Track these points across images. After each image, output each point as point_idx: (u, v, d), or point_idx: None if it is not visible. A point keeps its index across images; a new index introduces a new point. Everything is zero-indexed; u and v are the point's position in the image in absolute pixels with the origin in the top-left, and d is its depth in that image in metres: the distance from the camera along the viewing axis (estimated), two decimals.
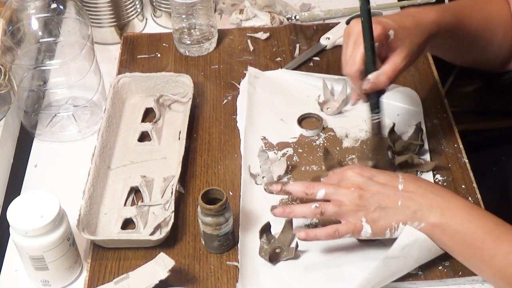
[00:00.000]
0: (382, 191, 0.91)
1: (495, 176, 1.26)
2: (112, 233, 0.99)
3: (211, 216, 0.92)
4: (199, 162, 1.09)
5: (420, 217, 0.89)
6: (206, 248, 0.97)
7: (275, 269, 0.94)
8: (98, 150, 1.06)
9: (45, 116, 1.16)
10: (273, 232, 0.96)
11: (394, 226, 0.90)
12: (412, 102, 1.15)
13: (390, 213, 0.90)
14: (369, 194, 0.91)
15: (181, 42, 1.28)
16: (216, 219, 0.92)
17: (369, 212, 0.91)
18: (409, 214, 0.90)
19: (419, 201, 0.90)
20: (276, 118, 1.15)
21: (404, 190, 0.91)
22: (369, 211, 0.91)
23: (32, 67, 1.15)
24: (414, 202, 0.90)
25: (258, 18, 1.35)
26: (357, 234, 0.91)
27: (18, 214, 0.88)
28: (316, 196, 0.92)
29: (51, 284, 0.93)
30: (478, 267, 0.89)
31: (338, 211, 0.91)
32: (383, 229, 0.91)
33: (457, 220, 0.88)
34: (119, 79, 1.17)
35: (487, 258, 0.86)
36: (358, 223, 0.91)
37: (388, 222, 0.90)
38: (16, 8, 1.09)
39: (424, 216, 0.89)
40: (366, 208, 0.91)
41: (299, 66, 1.25)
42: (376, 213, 0.91)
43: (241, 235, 0.97)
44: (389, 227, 0.90)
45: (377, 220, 0.91)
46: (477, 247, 0.87)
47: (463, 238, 0.88)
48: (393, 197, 0.91)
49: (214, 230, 0.93)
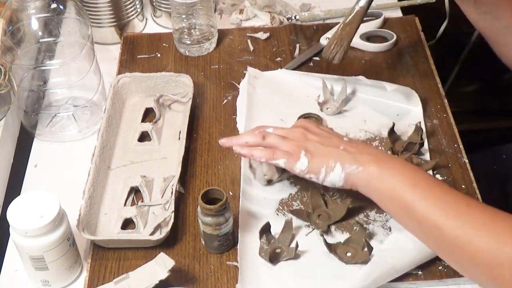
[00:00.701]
0: (327, 135, 0.96)
1: (495, 176, 1.26)
2: (112, 233, 0.99)
3: (211, 216, 0.92)
4: (199, 162, 1.09)
5: (359, 162, 0.91)
6: (206, 248, 0.97)
7: (275, 269, 0.94)
8: (98, 150, 1.06)
9: (45, 116, 1.16)
10: (273, 232, 0.96)
11: (331, 165, 0.92)
12: (412, 102, 1.15)
13: (330, 152, 0.93)
14: (314, 134, 0.96)
15: (181, 42, 1.28)
16: (216, 219, 0.92)
17: (309, 146, 0.94)
18: (349, 157, 0.92)
19: (360, 149, 0.93)
20: (276, 118, 1.15)
21: (348, 141, 0.96)
22: (310, 146, 0.94)
23: (32, 67, 1.15)
24: (356, 149, 0.93)
25: (258, 18, 1.35)
26: (292, 163, 0.94)
27: (18, 214, 0.88)
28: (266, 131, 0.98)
29: (51, 284, 0.93)
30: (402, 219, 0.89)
31: (279, 142, 0.95)
32: (319, 165, 0.93)
33: (391, 170, 0.89)
34: (119, 79, 1.17)
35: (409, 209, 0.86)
36: (296, 154, 0.94)
37: (326, 160, 0.93)
38: (16, 8, 1.09)
39: (364, 162, 0.91)
40: (307, 143, 0.95)
41: (299, 66, 1.25)
42: (316, 149, 0.94)
43: (241, 235, 0.97)
44: (326, 165, 0.92)
45: (315, 154, 0.93)
46: (402, 197, 0.87)
47: (394, 186, 0.88)
48: (336, 142, 0.95)
49: (214, 230, 0.93)
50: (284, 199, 1.02)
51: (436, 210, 0.84)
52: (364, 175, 0.90)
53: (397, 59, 1.25)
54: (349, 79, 1.18)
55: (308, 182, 1.03)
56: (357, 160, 0.91)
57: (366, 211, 1.00)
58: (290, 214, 0.99)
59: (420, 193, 0.86)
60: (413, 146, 1.06)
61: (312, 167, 0.93)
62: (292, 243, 0.95)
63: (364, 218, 0.99)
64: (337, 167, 0.92)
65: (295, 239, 0.96)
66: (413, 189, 0.87)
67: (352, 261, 0.93)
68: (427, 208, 0.85)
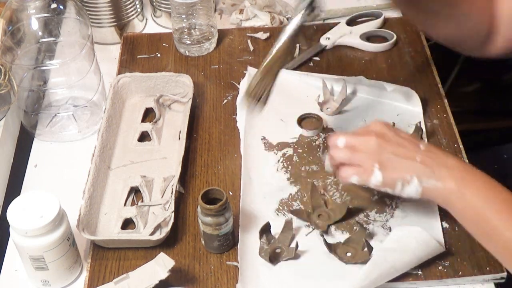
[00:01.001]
0: (403, 144, 0.89)
1: (495, 176, 1.26)
2: (112, 233, 0.99)
3: (211, 216, 0.92)
4: (199, 162, 1.09)
5: (437, 177, 0.86)
6: (206, 248, 0.97)
7: (275, 269, 0.94)
8: (98, 150, 1.06)
9: (45, 116, 1.16)
10: (273, 232, 0.96)
11: (408, 179, 0.87)
12: (412, 102, 1.15)
13: (407, 165, 0.88)
14: (388, 144, 0.89)
15: (181, 42, 1.28)
16: (216, 219, 0.92)
17: (383, 160, 0.88)
18: (426, 171, 0.87)
19: (438, 162, 0.87)
20: (276, 118, 1.15)
21: (425, 150, 0.89)
22: (384, 158, 0.88)
23: (32, 67, 1.15)
24: (433, 161, 0.87)
25: (258, 18, 1.35)
26: (366, 179, 0.89)
27: (18, 214, 0.88)
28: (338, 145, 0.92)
29: (51, 284, 0.93)
30: (486, 239, 0.87)
31: (350, 156, 0.90)
32: (395, 180, 0.88)
33: (473, 189, 0.85)
34: (119, 79, 1.17)
35: (497, 230, 0.84)
36: (369, 168, 0.88)
37: (403, 173, 0.87)
38: (16, 8, 1.09)
39: (442, 177, 0.86)
40: (381, 155, 0.88)
41: (299, 66, 1.25)
42: (391, 162, 0.88)
43: (241, 235, 0.97)
44: (402, 179, 0.87)
45: (391, 168, 0.88)
46: (488, 218, 0.84)
47: (476, 207, 0.85)
48: (413, 152, 0.89)
49: (214, 230, 0.93)
50: (284, 199, 1.02)
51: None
52: (443, 191, 0.86)
53: (397, 59, 1.25)
54: (349, 79, 1.18)
55: (308, 182, 1.03)
56: (435, 174, 0.86)
57: (366, 211, 1.00)
58: (290, 214, 0.99)
59: (507, 218, 0.83)
60: None
61: (387, 181, 0.88)
62: (292, 243, 0.95)
63: (364, 218, 0.99)
64: (414, 181, 0.87)
65: (295, 239, 0.96)
66: (499, 213, 0.83)
67: (352, 261, 0.93)
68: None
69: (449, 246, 0.95)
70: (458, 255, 0.94)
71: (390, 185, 0.89)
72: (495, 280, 0.92)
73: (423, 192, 0.88)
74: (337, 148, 0.92)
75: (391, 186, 0.89)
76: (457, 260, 0.93)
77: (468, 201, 0.85)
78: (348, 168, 0.91)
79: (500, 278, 0.92)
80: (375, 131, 0.91)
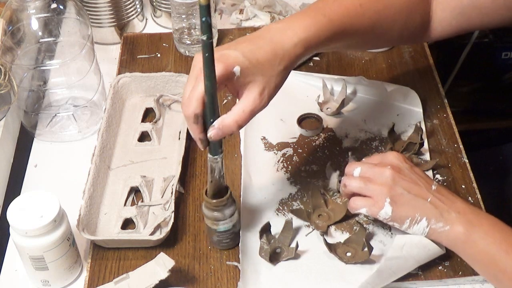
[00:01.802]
0: (417, 181, 0.90)
1: (495, 176, 1.26)
2: (112, 233, 0.99)
3: (209, 210, 0.93)
4: (199, 162, 1.09)
5: (446, 220, 0.87)
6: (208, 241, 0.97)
7: (275, 269, 0.94)
8: (98, 150, 1.06)
9: (45, 116, 1.16)
10: (273, 232, 0.96)
11: (417, 218, 0.88)
12: (412, 102, 1.15)
13: (417, 204, 0.88)
14: (402, 179, 0.89)
15: (181, 42, 1.28)
16: (213, 213, 0.92)
17: (396, 194, 0.88)
18: (435, 213, 0.88)
19: (448, 205, 0.88)
20: (276, 118, 1.15)
21: (436, 191, 0.90)
22: (396, 193, 0.88)
23: (32, 67, 1.15)
24: (444, 204, 0.88)
25: (258, 18, 1.35)
26: (375, 212, 0.89)
27: (18, 214, 0.88)
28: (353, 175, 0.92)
29: (51, 284, 0.93)
30: (496, 281, 0.88)
31: (362, 187, 0.90)
32: (404, 217, 0.88)
33: (481, 233, 0.86)
34: (119, 79, 1.17)
35: (506, 272, 0.84)
36: (380, 201, 0.88)
37: (412, 212, 0.88)
38: (16, 8, 1.09)
39: (451, 220, 0.87)
40: (394, 189, 0.89)
41: (299, 66, 1.24)
42: (403, 198, 0.88)
43: (242, 235, 0.97)
44: (411, 217, 0.88)
45: (401, 204, 0.88)
46: (497, 261, 0.85)
47: (484, 251, 0.86)
48: (425, 191, 0.89)
49: (213, 224, 0.94)
50: (284, 199, 1.02)
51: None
52: (450, 234, 0.87)
53: (397, 59, 1.25)
54: (349, 79, 1.18)
55: (308, 182, 1.03)
56: (444, 218, 0.87)
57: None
58: (290, 214, 0.99)
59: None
60: (413, 146, 1.06)
61: (396, 217, 0.89)
62: (292, 243, 0.95)
63: (364, 218, 0.99)
64: (423, 221, 0.88)
65: (295, 239, 0.96)
66: (508, 255, 0.84)
67: (352, 261, 0.93)
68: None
69: None
70: (458, 255, 0.94)
71: (398, 221, 0.90)
72: None
73: (430, 233, 0.89)
74: (352, 177, 0.93)
75: (399, 222, 0.90)
76: (457, 260, 0.93)
77: (476, 244, 0.86)
78: (359, 199, 0.91)
79: None
80: (390, 163, 0.92)
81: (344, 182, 0.93)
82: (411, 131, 1.09)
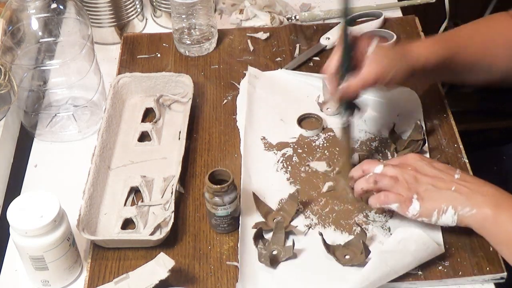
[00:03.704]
0: (438, 175, 0.93)
1: (495, 176, 1.26)
2: (112, 233, 0.99)
3: (209, 193, 0.94)
4: (199, 162, 1.09)
5: (473, 204, 0.89)
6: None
7: (273, 269, 0.94)
8: (98, 150, 1.06)
9: (45, 116, 1.16)
10: (266, 236, 0.97)
11: (443, 208, 0.91)
12: (412, 102, 1.15)
13: (442, 195, 0.91)
14: (425, 177, 0.93)
15: (181, 42, 1.28)
16: (213, 198, 0.94)
17: (421, 191, 0.92)
18: (461, 199, 0.90)
19: (473, 189, 0.91)
20: (276, 118, 1.15)
21: (460, 179, 0.93)
22: (422, 190, 0.92)
23: (32, 67, 1.15)
24: (468, 189, 0.91)
25: (258, 18, 1.35)
26: (405, 208, 0.92)
27: (18, 214, 0.88)
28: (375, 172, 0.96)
29: (51, 284, 0.93)
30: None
31: (392, 185, 0.93)
32: (432, 210, 0.91)
33: (508, 215, 0.88)
34: (119, 79, 1.17)
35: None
36: (408, 198, 0.92)
37: (438, 203, 0.91)
38: (16, 8, 1.09)
39: (477, 203, 0.89)
40: (419, 187, 0.92)
41: (299, 66, 1.25)
42: (428, 193, 0.92)
43: (241, 235, 0.97)
44: (438, 208, 0.91)
45: (427, 199, 0.92)
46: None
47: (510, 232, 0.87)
48: (448, 182, 0.92)
49: (212, 208, 0.95)
50: (283, 199, 1.02)
51: None
52: (478, 217, 0.89)
53: None
54: None
55: (308, 182, 1.03)
56: (470, 202, 0.90)
57: (366, 212, 1.00)
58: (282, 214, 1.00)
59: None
60: (415, 144, 1.06)
61: (424, 212, 0.92)
62: (287, 242, 0.95)
63: (363, 218, 0.99)
64: (449, 210, 0.90)
65: (290, 238, 0.96)
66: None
67: (349, 263, 0.93)
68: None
69: (449, 246, 0.95)
70: (458, 255, 0.94)
71: (426, 215, 0.92)
72: (495, 280, 0.92)
73: (459, 220, 0.91)
74: (383, 175, 0.95)
75: (428, 216, 0.92)
76: (457, 260, 0.93)
77: (503, 226, 0.88)
78: (392, 194, 0.94)
79: (500, 278, 0.92)
80: (410, 165, 0.95)
81: (375, 179, 0.95)
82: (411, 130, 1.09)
